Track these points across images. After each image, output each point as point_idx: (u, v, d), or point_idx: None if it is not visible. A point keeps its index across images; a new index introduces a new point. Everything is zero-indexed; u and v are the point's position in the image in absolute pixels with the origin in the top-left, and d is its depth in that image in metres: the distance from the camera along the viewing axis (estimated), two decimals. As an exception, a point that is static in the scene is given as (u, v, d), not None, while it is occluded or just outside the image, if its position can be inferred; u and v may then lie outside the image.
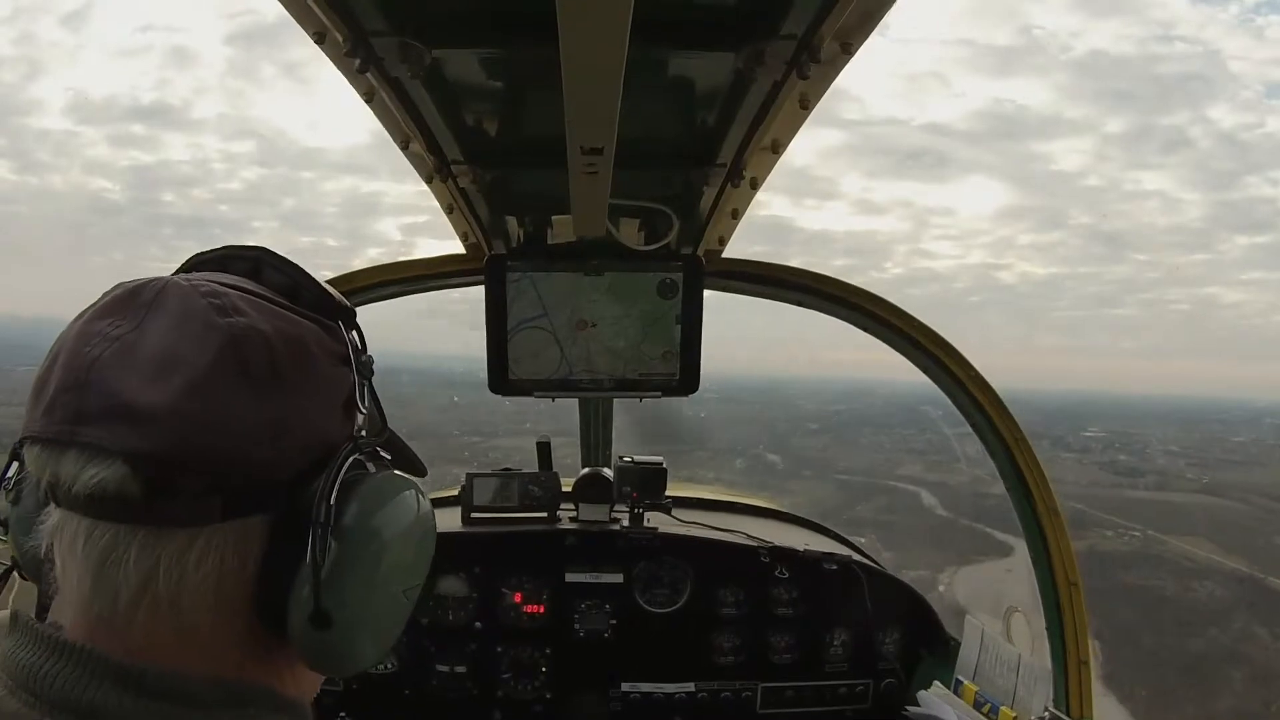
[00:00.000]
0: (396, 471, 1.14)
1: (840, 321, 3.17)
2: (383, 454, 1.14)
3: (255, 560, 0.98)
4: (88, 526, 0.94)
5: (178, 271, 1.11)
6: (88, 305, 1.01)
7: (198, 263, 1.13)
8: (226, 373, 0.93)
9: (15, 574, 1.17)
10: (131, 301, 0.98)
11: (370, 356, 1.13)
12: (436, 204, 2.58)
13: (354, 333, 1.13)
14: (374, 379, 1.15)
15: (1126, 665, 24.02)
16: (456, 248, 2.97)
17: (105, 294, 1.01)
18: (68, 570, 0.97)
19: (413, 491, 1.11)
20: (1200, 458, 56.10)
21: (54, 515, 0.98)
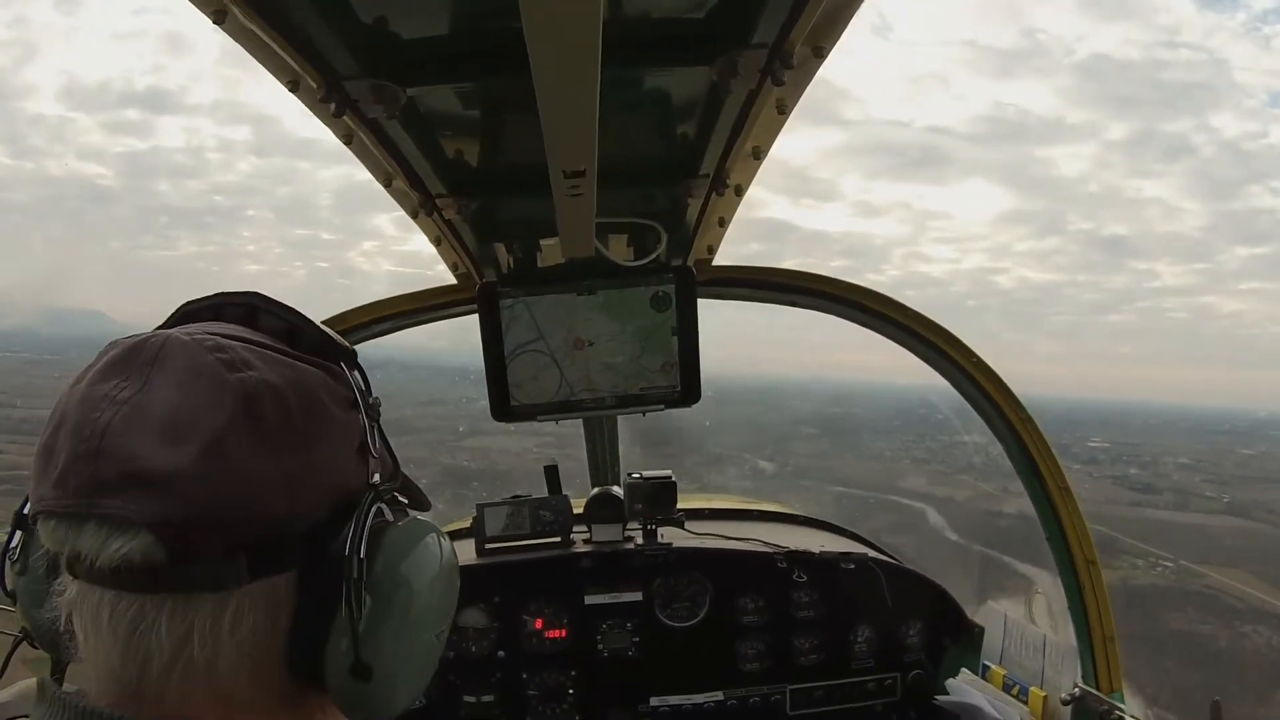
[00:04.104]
0: (417, 516, 1.12)
1: (837, 325, 3.18)
2: (400, 498, 1.13)
3: (286, 616, 0.97)
4: (112, 599, 0.91)
5: (170, 323, 1.08)
6: (85, 367, 0.98)
7: (189, 311, 1.10)
8: (241, 430, 0.91)
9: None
10: (133, 361, 0.94)
11: (377, 398, 1.11)
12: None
13: (357, 373, 1.11)
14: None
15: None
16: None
17: (102, 354, 0.98)
18: (91, 642, 0.95)
19: (435, 535, 1.10)
20: (1215, 473, 53.56)
21: (72, 588, 0.95)
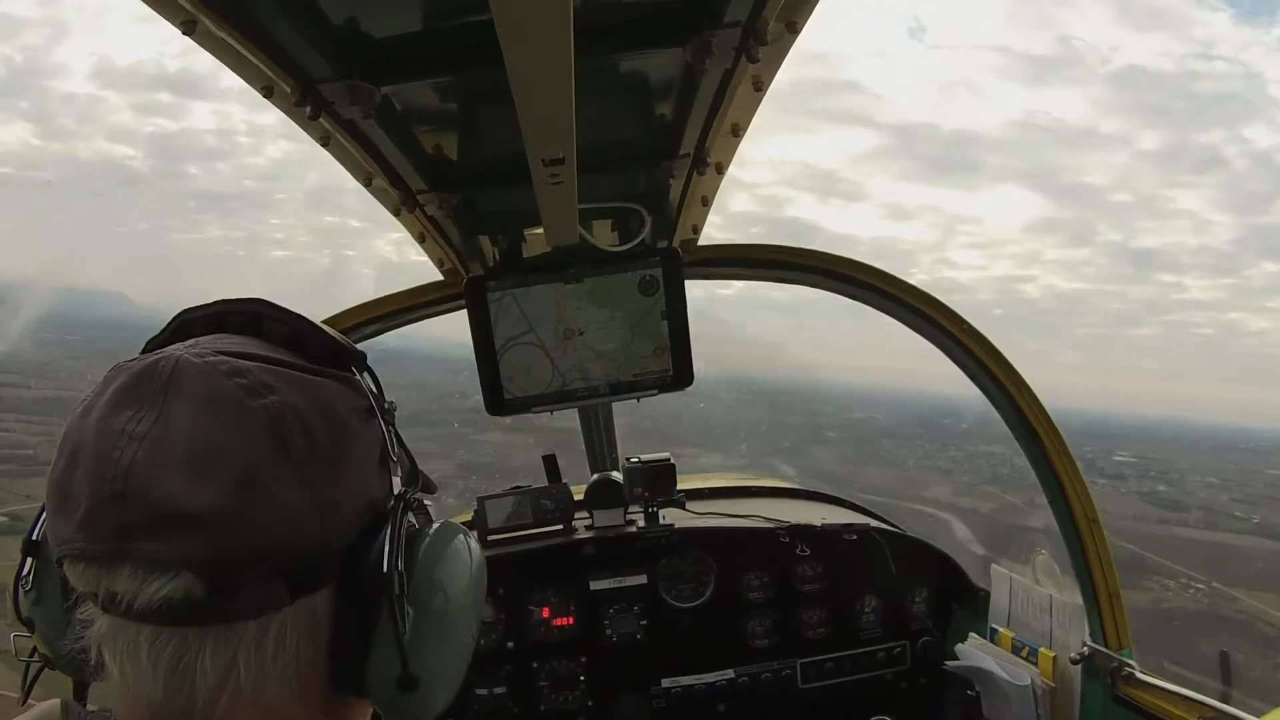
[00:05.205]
0: (447, 521, 1.12)
1: (841, 320, 3.16)
2: (424, 500, 1.13)
3: (325, 631, 0.97)
4: (150, 633, 0.90)
5: (168, 332, 1.05)
6: (90, 394, 0.94)
7: (187, 320, 1.06)
8: (271, 461, 0.89)
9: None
10: (144, 388, 0.91)
11: (392, 402, 1.10)
12: None
13: (368, 376, 1.09)
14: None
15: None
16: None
17: (106, 380, 0.94)
18: (128, 675, 0.92)
19: (463, 538, 1.10)
20: (1243, 492, 50.45)
21: (103, 621, 0.93)
